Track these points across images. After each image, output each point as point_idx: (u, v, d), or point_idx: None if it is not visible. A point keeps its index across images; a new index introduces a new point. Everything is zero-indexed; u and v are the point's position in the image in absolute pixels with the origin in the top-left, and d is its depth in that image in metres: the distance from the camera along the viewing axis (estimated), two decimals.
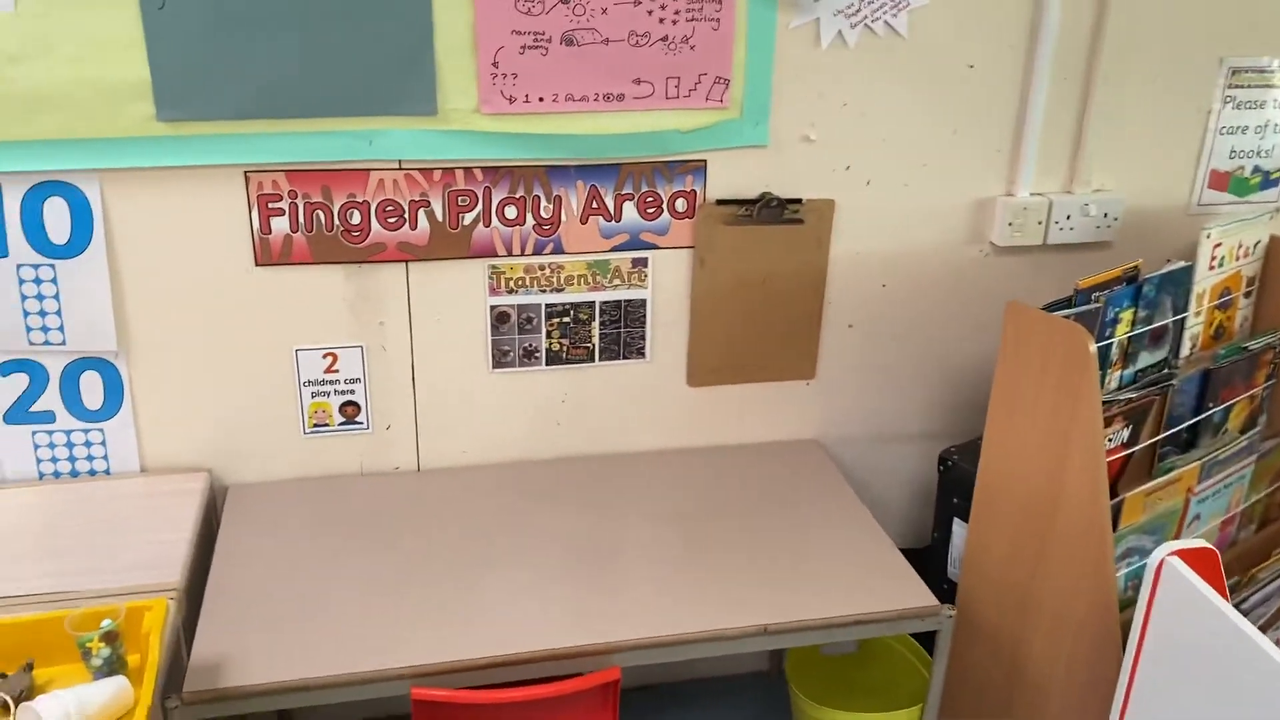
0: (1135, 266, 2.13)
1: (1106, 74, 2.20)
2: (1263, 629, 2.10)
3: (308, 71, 1.87)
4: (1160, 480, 2.06)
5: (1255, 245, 2.30)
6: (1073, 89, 2.21)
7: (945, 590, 2.26)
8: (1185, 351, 2.25)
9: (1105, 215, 2.31)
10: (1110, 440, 2.04)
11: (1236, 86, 2.30)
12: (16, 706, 1.46)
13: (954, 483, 2.23)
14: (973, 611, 2.18)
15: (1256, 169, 2.40)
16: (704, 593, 1.89)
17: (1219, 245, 2.20)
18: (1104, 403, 1.99)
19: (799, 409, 2.37)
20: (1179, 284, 2.18)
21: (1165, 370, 2.20)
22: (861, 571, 1.96)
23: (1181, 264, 2.17)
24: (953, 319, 2.36)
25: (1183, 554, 1.69)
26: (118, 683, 1.49)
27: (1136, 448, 2.10)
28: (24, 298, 1.93)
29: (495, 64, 1.94)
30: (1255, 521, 2.40)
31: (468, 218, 2.05)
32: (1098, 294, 2.04)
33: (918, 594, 1.90)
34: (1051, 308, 2.01)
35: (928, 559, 2.37)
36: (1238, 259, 2.27)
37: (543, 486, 2.20)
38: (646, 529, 2.06)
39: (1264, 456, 2.30)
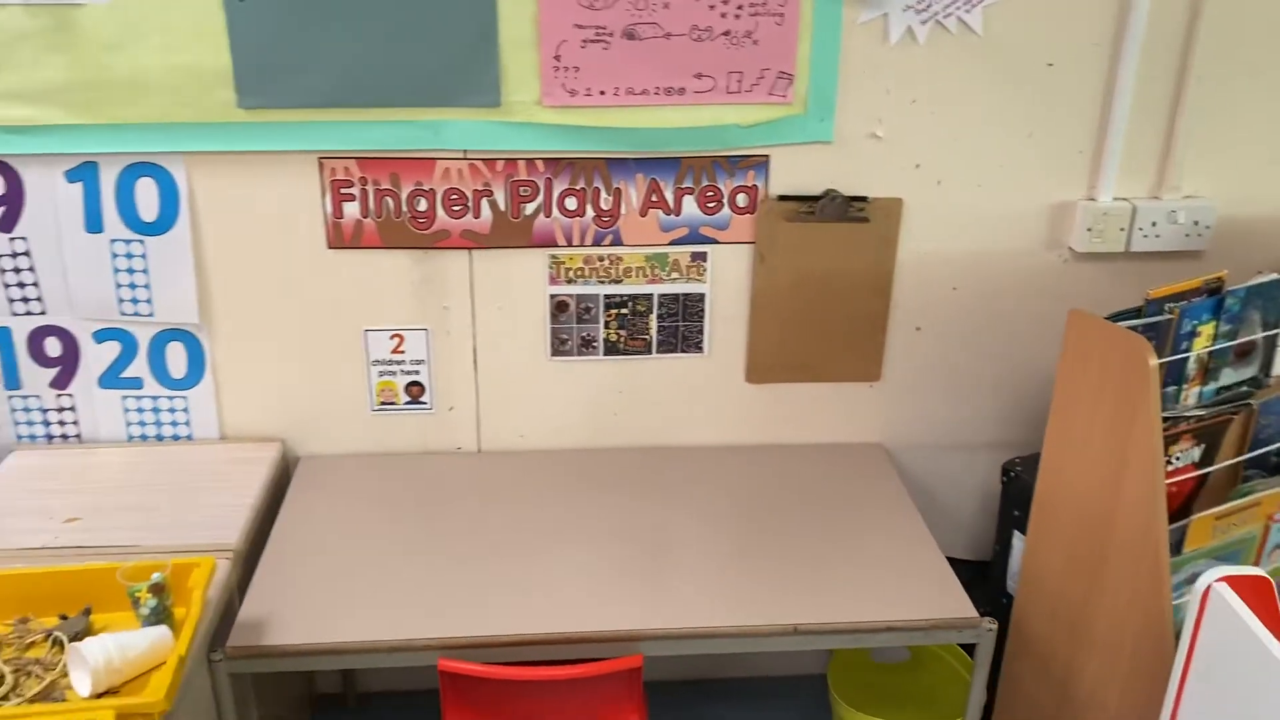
0: (1219, 278, 2.01)
1: (1201, 73, 2.09)
2: None
3: (377, 63, 1.95)
4: (1234, 504, 1.94)
5: None
6: (1163, 88, 2.10)
7: (1004, 604, 2.19)
8: (1277, 370, 2.11)
9: (1196, 223, 2.19)
10: (1178, 459, 1.94)
11: None
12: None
13: (1016, 495, 2.15)
14: (1026, 628, 2.11)
15: None
16: (741, 589, 1.89)
17: None
18: (1171, 419, 1.89)
19: (862, 411, 2.34)
20: (1270, 298, 2.05)
21: (1247, 389, 2.08)
22: (905, 579, 1.93)
23: (1274, 276, 2.04)
24: (1026, 326, 2.28)
25: (1232, 581, 1.60)
26: (160, 632, 1.59)
27: (1211, 469, 1.99)
28: (116, 271, 2.08)
29: (557, 57, 1.98)
30: None
31: (529, 208, 2.10)
32: (1172, 305, 1.94)
33: (958, 605, 1.85)
34: (1118, 317, 1.93)
35: (989, 572, 2.30)
36: None
37: (596, 475, 2.23)
38: (694, 523, 2.07)
39: None
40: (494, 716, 1.81)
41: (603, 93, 2.01)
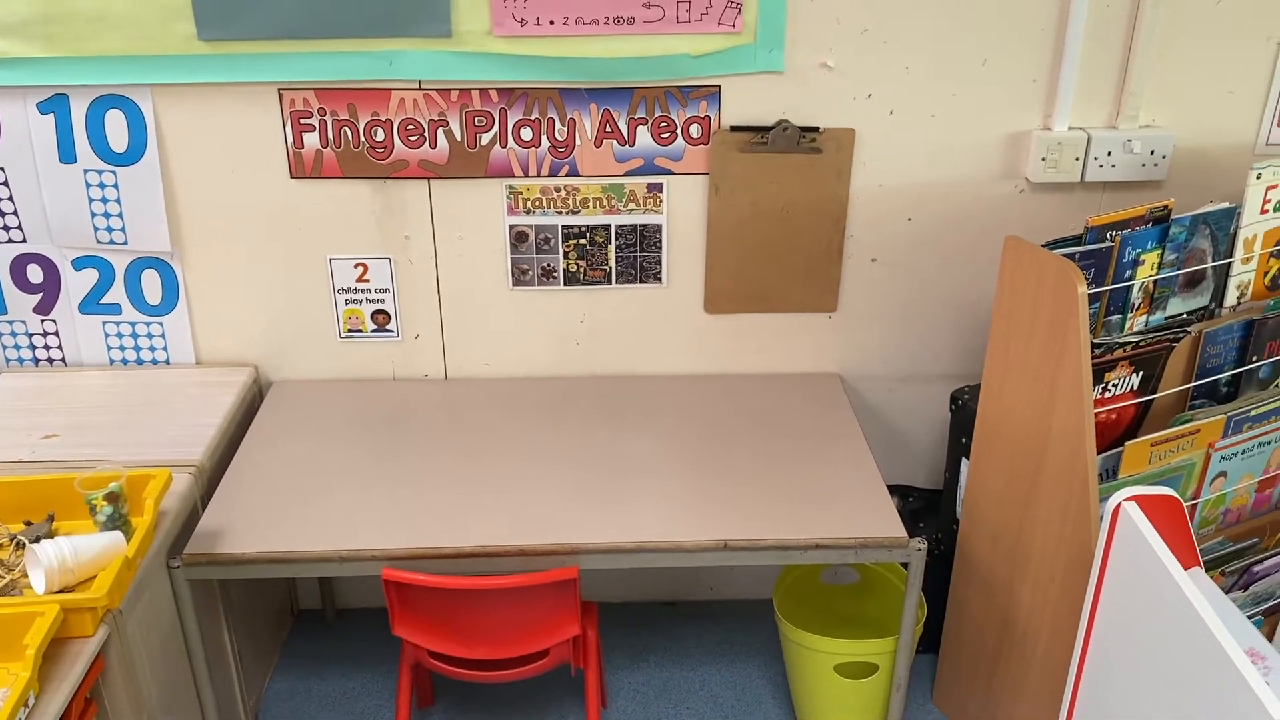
0: (1165, 206, 2.01)
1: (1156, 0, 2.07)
2: (1271, 597, 1.99)
3: None
4: (1169, 431, 1.96)
5: None
6: (1119, 14, 2.09)
7: (954, 531, 2.23)
8: (1231, 300, 2.11)
9: (1152, 153, 2.18)
10: (1115, 386, 1.96)
11: None
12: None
13: (963, 423, 2.18)
14: (970, 554, 2.15)
15: None
16: (682, 509, 1.95)
17: (1274, 187, 2.05)
18: (1106, 347, 1.91)
19: (820, 342, 2.37)
20: (1220, 227, 2.04)
21: (1195, 319, 2.08)
22: (842, 501, 1.97)
23: (1223, 205, 2.03)
24: (983, 257, 2.29)
25: (1143, 501, 1.63)
26: (113, 537, 1.68)
27: (1150, 397, 2.01)
28: (90, 200, 2.16)
29: None
30: None
31: (485, 138, 2.14)
32: (1114, 233, 1.94)
33: (887, 525, 1.90)
34: (1058, 244, 1.94)
35: (943, 499, 2.34)
36: None
37: (557, 402, 2.29)
38: (647, 449, 2.13)
39: None
40: (438, 625, 1.90)
41: (552, 22, 2.04)
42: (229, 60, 2.05)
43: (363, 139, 2.13)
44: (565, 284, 2.29)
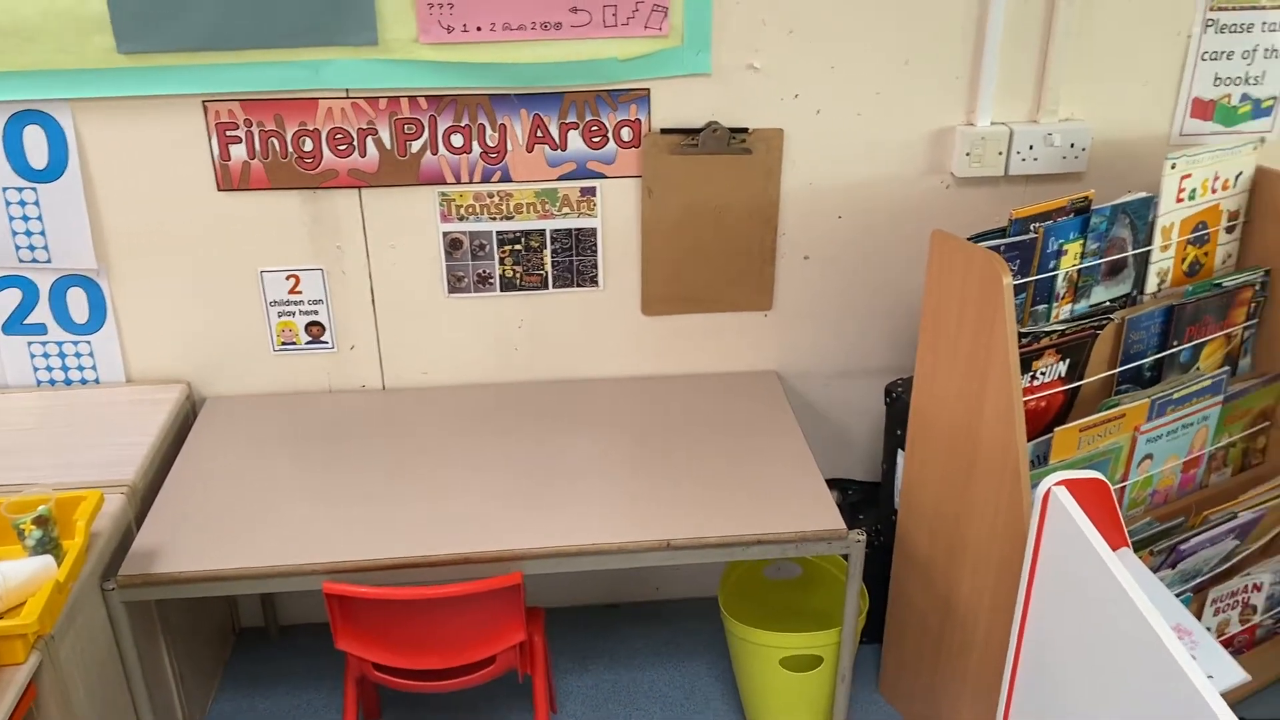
0: (1086, 197, 2.06)
1: None
2: (1197, 574, 2.05)
3: (257, 4, 1.97)
4: (1097, 416, 2.02)
5: (1237, 178, 2.19)
6: (1035, 12, 2.14)
7: (894, 522, 2.26)
8: (1152, 287, 2.17)
9: (1072, 146, 2.23)
10: (1043, 374, 2.01)
11: (1220, 9, 2.18)
12: None
13: (898, 415, 2.22)
14: (909, 544, 2.19)
15: (1245, 97, 2.28)
16: (625, 511, 1.96)
17: (1188, 177, 2.12)
18: (1032, 336, 1.95)
19: (757, 340, 2.39)
20: (1139, 216, 2.10)
21: (1120, 306, 2.14)
22: (782, 497, 1.99)
23: (1141, 195, 2.09)
24: (912, 252, 2.33)
25: (1070, 485, 1.67)
26: (43, 561, 1.65)
27: (1077, 384, 2.06)
28: (11, 218, 2.11)
29: None
30: (1232, 466, 2.32)
31: (415, 145, 2.13)
32: (1036, 224, 1.99)
33: (826, 518, 1.92)
34: (983, 237, 1.98)
35: (882, 490, 2.38)
36: (1214, 191, 2.17)
37: (497, 409, 2.29)
38: (589, 452, 2.13)
39: (1235, 398, 2.21)
40: (382, 637, 1.89)
41: (479, 29, 2.04)
42: (150, 73, 2.02)
43: (290, 149, 2.11)
44: (502, 290, 2.29)
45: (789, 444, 2.15)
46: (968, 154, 2.21)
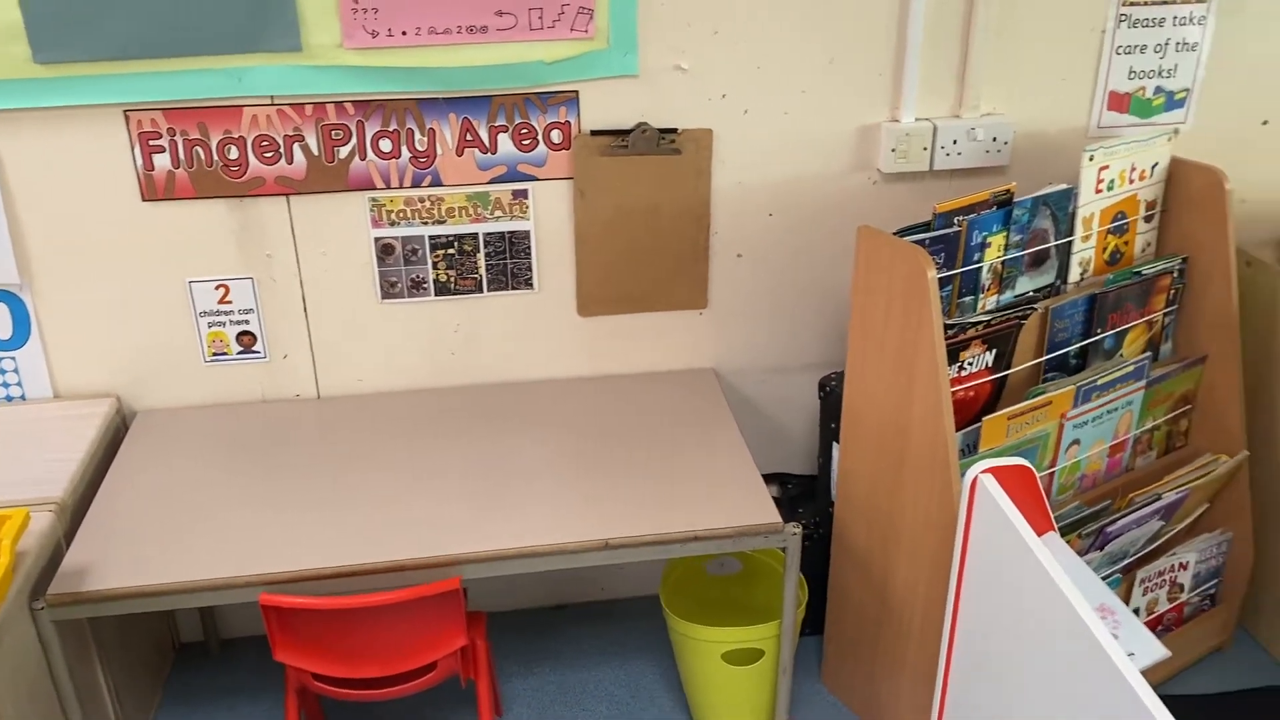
0: (1008, 190, 2.11)
1: None
2: (1125, 555, 2.11)
3: (177, 11, 1.95)
4: (1024, 404, 2.06)
5: (1153, 168, 2.25)
6: (955, 9, 2.18)
7: (831, 513, 2.29)
8: (1074, 277, 2.22)
9: (995, 140, 2.28)
10: (970, 365, 2.05)
11: (1132, 4, 2.24)
12: None
13: (832, 408, 2.25)
14: (846, 536, 2.22)
15: (1159, 89, 2.34)
16: (564, 512, 1.96)
17: (1106, 168, 2.17)
18: (958, 327, 1.99)
19: (693, 339, 2.41)
20: (1059, 207, 2.15)
21: (1044, 296, 2.19)
22: (719, 493, 2.01)
23: (1061, 187, 2.14)
24: (842, 248, 2.36)
25: (997, 472, 1.71)
26: None
27: (1004, 373, 2.10)
28: None
29: (355, 0, 1.99)
30: (1156, 449, 2.38)
31: (343, 151, 2.12)
32: (960, 218, 2.03)
33: (763, 512, 1.94)
34: (909, 231, 2.01)
35: (819, 483, 2.41)
36: (1131, 182, 2.23)
37: (435, 414, 2.28)
38: (528, 455, 2.13)
39: (1158, 382, 2.27)
40: (321, 647, 1.87)
41: (404, 33, 2.03)
42: (69, 83, 1.98)
43: (216, 158, 2.09)
44: (436, 294, 2.28)
45: (726, 440, 2.17)
46: (893, 150, 2.25)
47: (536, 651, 2.51)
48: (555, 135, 2.17)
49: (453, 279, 2.27)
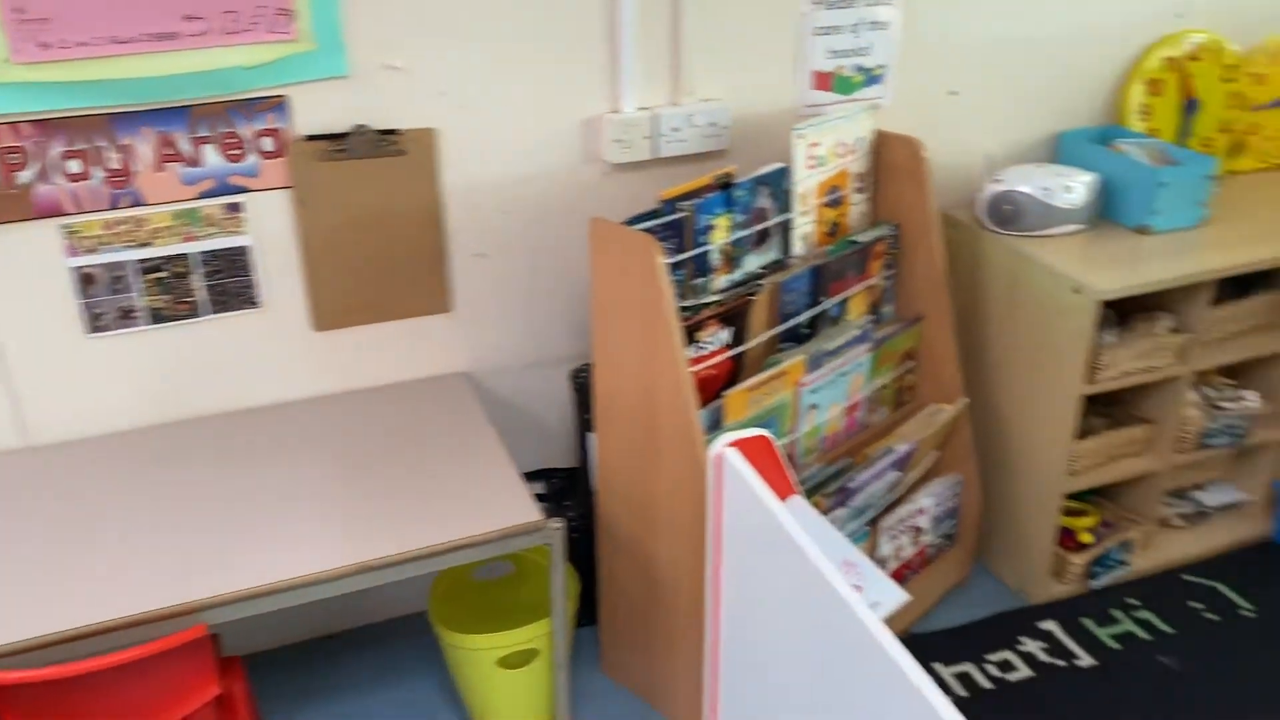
0: (728, 173, 2.18)
1: None
2: (869, 508, 2.23)
3: None
4: (761, 376, 2.14)
5: (858, 142, 2.39)
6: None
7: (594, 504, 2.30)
8: (798, 250, 2.33)
9: (714, 124, 2.35)
10: (709, 344, 2.10)
11: None
12: None
13: (585, 399, 2.26)
14: (611, 524, 2.24)
15: (859, 67, 2.49)
16: (315, 539, 1.86)
17: (816, 145, 2.28)
18: (692, 308, 2.04)
19: (443, 343, 2.36)
20: (777, 186, 2.24)
21: (771, 271, 2.28)
22: (479, 497, 1.97)
23: (777, 166, 2.23)
24: (582, 239, 2.37)
25: (739, 444, 1.76)
26: None
27: (741, 349, 2.17)
28: None
29: (20, 9, 1.80)
30: (887, 406, 2.54)
31: (24, 176, 1.92)
32: (685, 204, 2.08)
33: (523, 511, 1.92)
34: (639, 220, 2.04)
35: (581, 475, 2.41)
36: (840, 157, 2.35)
37: (162, 452, 2.11)
38: (272, 484, 2.01)
39: (882, 343, 2.42)
40: (64, 718, 1.70)
41: (83, 44, 1.86)
42: None
43: None
44: (151, 323, 2.11)
45: (482, 443, 2.13)
46: (617, 140, 2.27)
47: (307, 687, 2.39)
48: (267, 143, 2.06)
49: (168, 304, 2.11)
